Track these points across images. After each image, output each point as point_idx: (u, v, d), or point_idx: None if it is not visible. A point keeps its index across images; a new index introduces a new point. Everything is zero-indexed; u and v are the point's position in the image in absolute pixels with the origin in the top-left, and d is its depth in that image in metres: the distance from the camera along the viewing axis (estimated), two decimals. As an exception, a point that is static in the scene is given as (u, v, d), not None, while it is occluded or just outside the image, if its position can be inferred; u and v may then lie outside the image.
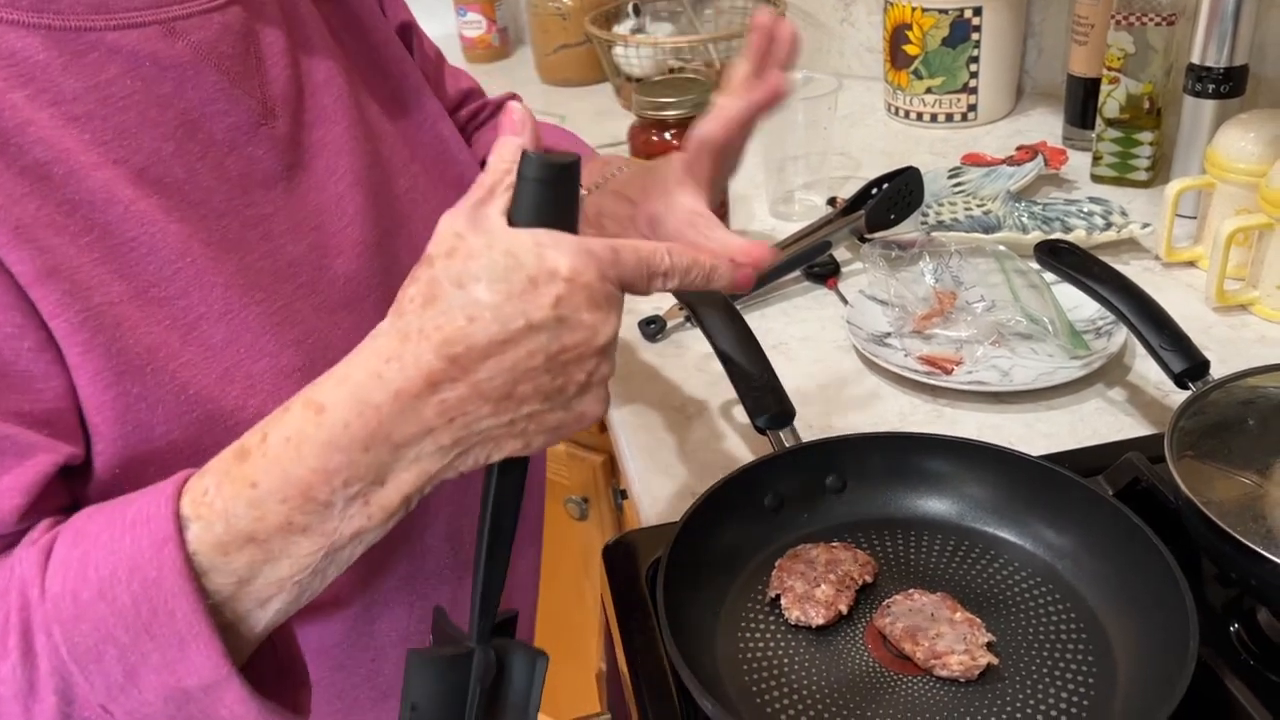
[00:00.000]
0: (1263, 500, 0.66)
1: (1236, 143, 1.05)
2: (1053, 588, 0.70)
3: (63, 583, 0.46)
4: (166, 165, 0.54)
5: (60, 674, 0.46)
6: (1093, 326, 1.00)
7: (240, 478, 0.46)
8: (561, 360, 0.45)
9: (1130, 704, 0.61)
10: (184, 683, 0.46)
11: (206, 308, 0.54)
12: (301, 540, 0.46)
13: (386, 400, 0.44)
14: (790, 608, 0.68)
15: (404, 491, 0.46)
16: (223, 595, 0.46)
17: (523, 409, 0.46)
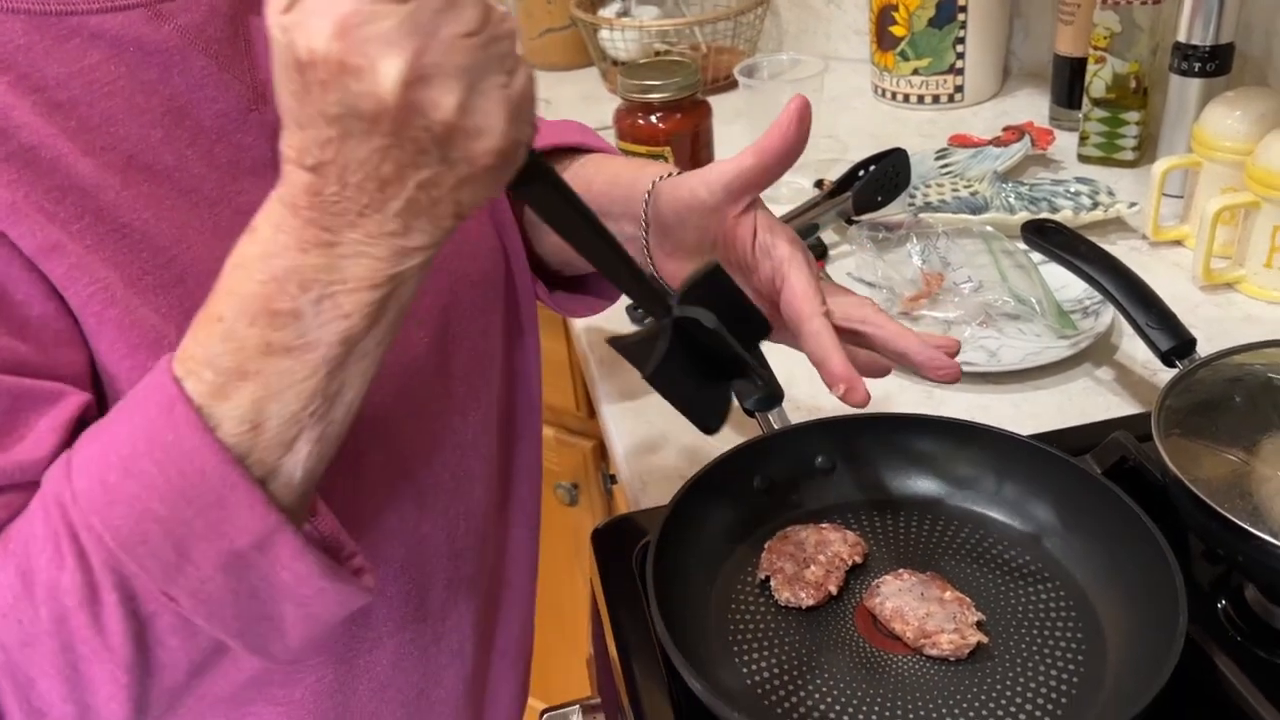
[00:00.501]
0: (1249, 477, 0.67)
1: (1223, 121, 1.05)
2: (1042, 566, 0.70)
3: (88, 477, 0.45)
4: (155, 152, 0.53)
5: (113, 567, 0.45)
6: (1080, 306, 1.00)
7: (207, 318, 0.46)
8: (385, 131, 0.41)
9: (1120, 681, 0.61)
10: (235, 544, 0.45)
11: (203, 294, 0.52)
12: (291, 363, 0.45)
13: (292, 213, 0.44)
14: (780, 589, 0.68)
15: (369, 282, 0.44)
16: (243, 447, 0.45)
17: (408, 183, 0.43)
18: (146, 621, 0.46)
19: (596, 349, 1.07)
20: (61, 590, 0.45)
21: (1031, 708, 0.61)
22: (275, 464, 0.46)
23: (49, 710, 0.47)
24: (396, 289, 0.45)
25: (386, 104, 0.40)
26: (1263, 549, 0.62)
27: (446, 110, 0.41)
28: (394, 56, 0.39)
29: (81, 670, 0.46)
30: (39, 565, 0.45)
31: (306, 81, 0.40)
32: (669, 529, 0.68)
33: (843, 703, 0.62)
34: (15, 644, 0.46)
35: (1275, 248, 1.00)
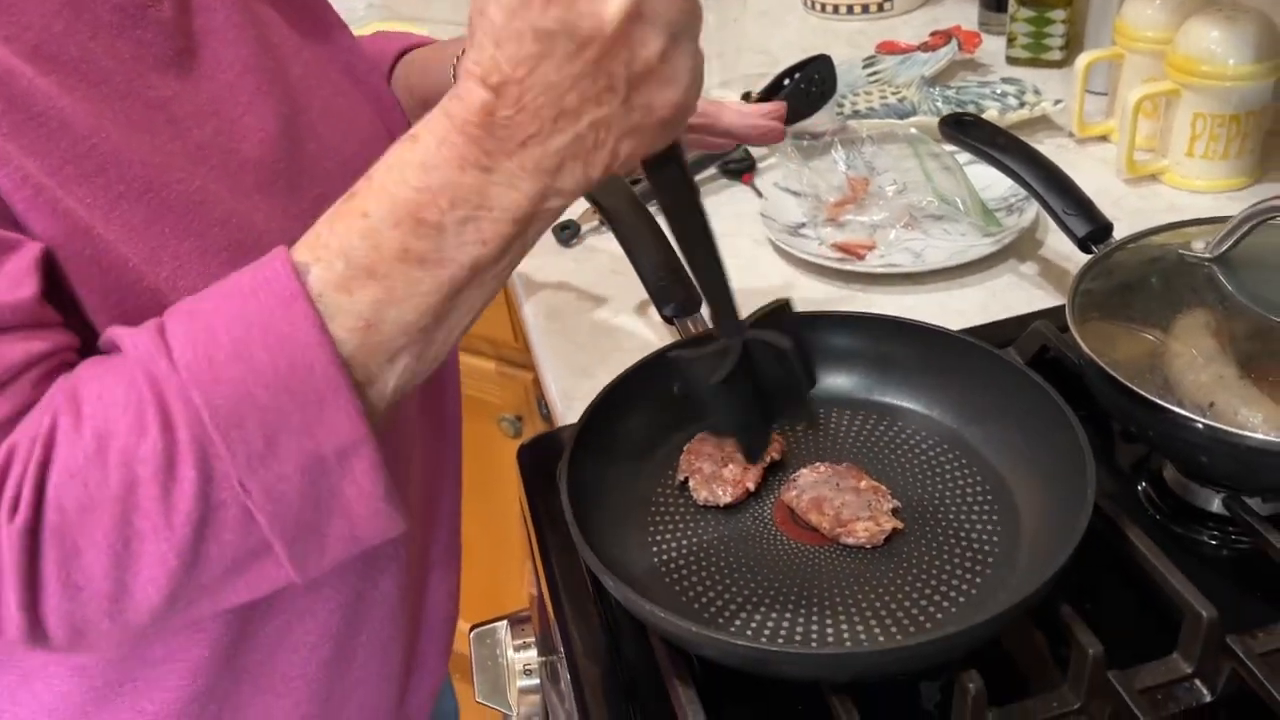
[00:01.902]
0: (1164, 355, 0.67)
1: (1143, 11, 1.05)
2: (959, 454, 0.70)
3: (194, 350, 0.45)
4: (59, 43, 0.52)
5: (200, 444, 0.44)
6: (1005, 204, 0.99)
7: (350, 211, 0.46)
8: (589, 60, 0.43)
9: (1034, 555, 0.61)
10: (322, 447, 0.46)
11: (125, 186, 0.52)
12: (421, 275, 0.46)
13: (459, 130, 0.45)
14: (698, 488, 0.67)
15: (512, 214, 0.46)
16: (352, 345, 0.46)
17: (584, 119, 0.44)
18: (214, 508, 0.45)
19: (522, 277, 1.06)
20: (138, 458, 0.44)
21: (946, 589, 0.61)
22: (376, 371, 0.47)
23: (86, 585, 0.45)
24: (530, 228, 0.47)
25: (604, 29, 0.42)
26: (1173, 421, 0.62)
27: (652, 51, 0.43)
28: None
29: (133, 546, 0.45)
30: (118, 429, 0.45)
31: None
32: (585, 436, 0.67)
33: (759, 594, 0.62)
34: (75, 507, 0.44)
35: (1196, 136, 1.00)
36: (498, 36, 0.43)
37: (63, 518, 0.44)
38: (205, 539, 0.46)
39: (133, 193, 0.53)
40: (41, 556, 0.44)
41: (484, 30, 0.43)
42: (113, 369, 0.46)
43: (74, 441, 0.44)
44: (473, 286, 0.48)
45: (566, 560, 0.69)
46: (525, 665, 0.73)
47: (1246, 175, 1.02)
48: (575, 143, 0.45)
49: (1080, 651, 0.56)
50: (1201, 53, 0.97)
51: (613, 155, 0.46)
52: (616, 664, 0.63)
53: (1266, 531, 0.62)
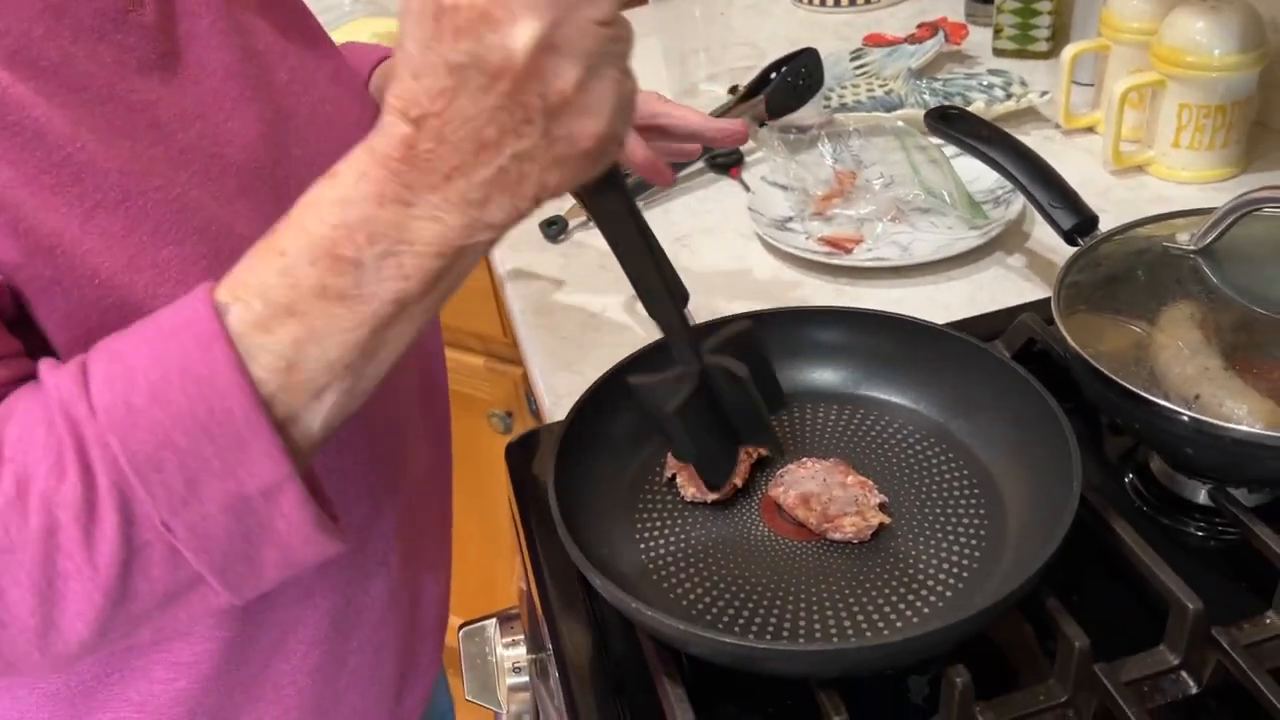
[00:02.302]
0: (1150, 347, 0.67)
1: (1129, 2, 1.05)
2: (946, 448, 0.70)
3: (112, 394, 0.45)
4: (39, 48, 0.51)
5: (120, 489, 0.44)
6: (992, 196, 0.99)
7: (268, 249, 0.46)
8: (501, 90, 0.42)
9: (1021, 549, 0.61)
10: (245, 488, 0.45)
11: (102, 195, 0.52)
12: (341, 311, 0.45)
13: (380, 164, 0.44)
14: (685, 485, 0.67)
15: (436, 248, 0.45)
16: (273, 385, 0.45)
17: (504, 151, 0.43)
18: (138, 548, 0.45)
19: (510, 273, 1.06)
20: (58, 502, 0.44)
21: (933, 583, 0.61)
22: (299, 410, 0.46)
23: (11, 622, 0.45)
24: (458, 262, 0.46)
25: (515, 61, 0.41)
26: (1158, 414, 0.62)
27: (566, 83, 0.42)
28: (534, 18, 0.41)
29: (58, 586, 0.45)
30: (38, 473, 0.44)
31: (440, 28, 0.41)
32: (572, 434, 0.67)
33: (747, 591, 0.62)
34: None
35: (1182, 126, 1.00)
36: (415, 69, 0.43)
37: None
38: (132, 575, 0.46)
39: (110, 201, 0.52)
40: None
41: (403, 62, 0.43)
42: (34, 409, 0.46)
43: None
44: (400, 321, 0.47)
45: (555, 557, 0.69)
46: (514, 663, 0.73)
47: (1232, 165, 1.02)
48: (499, 175, 0.44)
49: (1066, 644, 0.56)
50: (1187, 43, 0.97)
51: (540, 187, 0.45)
52: (605, 661, 0.63)
53: (1251, 523, 0.62)
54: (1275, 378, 0.62)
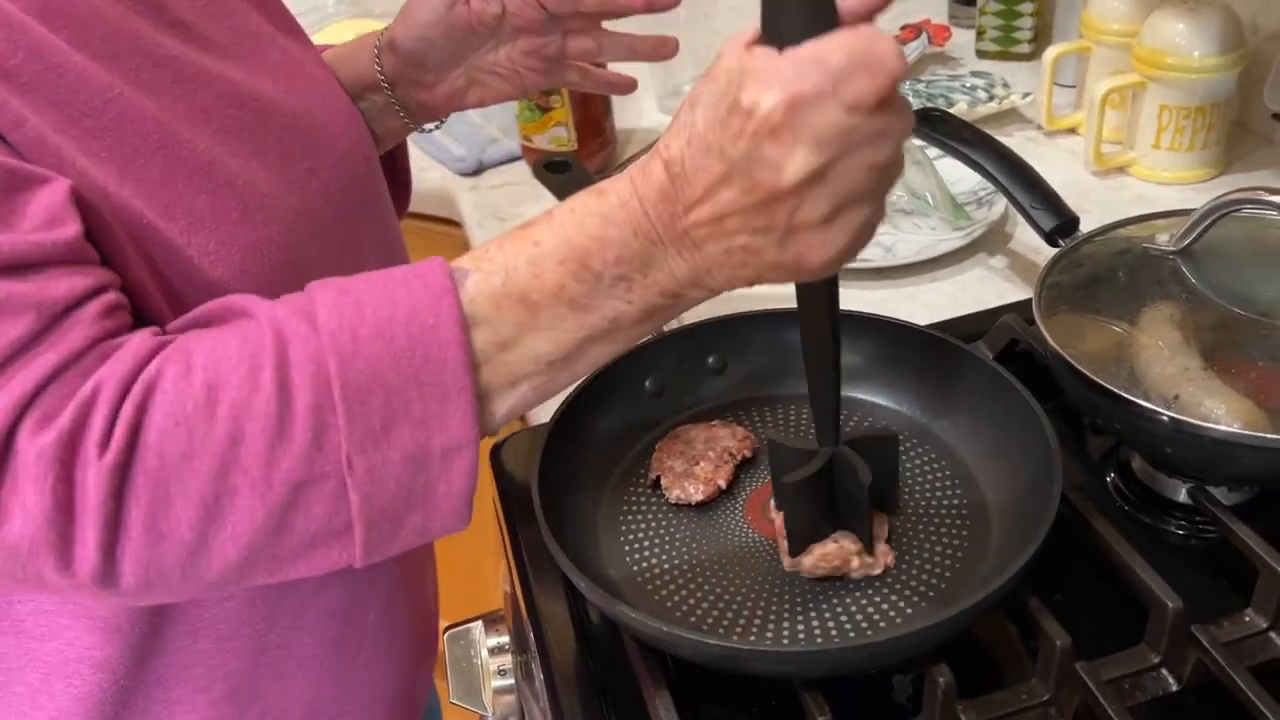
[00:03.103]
0: (1130, 347, 0.67)
1: (1110, 4, 1.05)
2: (929, 448, 0.70)
3: (339, 320, 0.46)
4: (68, 1, 0.52)
5: (321, 411, 0.45)
6: (974, 197, 1.00)
7: (524, 238, 0.48)
8: (757, 199, 0.44)
9: (1002, 549, 0.62)
10: (432, 441, 0.47)
11: (141, 141, 0.53)
12: (567, 313, 0.48)
13: (640, 199, 0.47)
14: (670, 487, 0.68)
15: (660, 287, 0.48)
16: (484, 357, 0.48)
17: (736, 240, 0.46)
18: (314, 478, 0.46)
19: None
20: (249, 413, 0.45)
21: (916, 583, 0.61)
22: (495, 390, 0.49)
23: (170, 534, 0.45)
24: (673, 304, 0.49)
25: (780, 184, 0.43)
26: (1138, 414, 0.63)
27: (818, 213, 0.44)
28: (814, 154, 0.42)
29: (225, 501, 0.45)
30: (230, 382, 0.45)
31: (729, 122, 0.43)
32: (557, 436, 0.68)
33: (731, 592, 0.62)
34: (176, 455, 0.44)
35: (1162, 127, 1.01)
36: (690, 137, 0.45)
37: (162, 464, 0.44)
38: (298, 506, 0.46)
39: (148, 148, 0.53)
40: (129, 499, 0.44)
41: (684, 124, 0.46)
42: (228, 330, 0.47)
43: (182, 389, 0.44)
44: (605, 339, 0.49)
45: (540, 559, 0.69)
46: (500, 665, 0.73)
47: (1212, 166, 1.03)
48: (726, 254, 0.47)
49: (1048, 643, 0.56)
50: (1167, 45, 0.97)
51: (758, 277, 0.48)
52: (590, 663, 0.63)
53: (1230, 521, 0.62)
54: (1252, 377, 0.63)
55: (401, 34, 0.75)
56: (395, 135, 0.82)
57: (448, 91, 0.78)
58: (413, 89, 0.78)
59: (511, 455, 0.79)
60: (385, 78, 0.77)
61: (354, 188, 0.68)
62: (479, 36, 0.75)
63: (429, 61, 0.76)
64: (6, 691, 0.61)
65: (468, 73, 0.77)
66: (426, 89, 0.78)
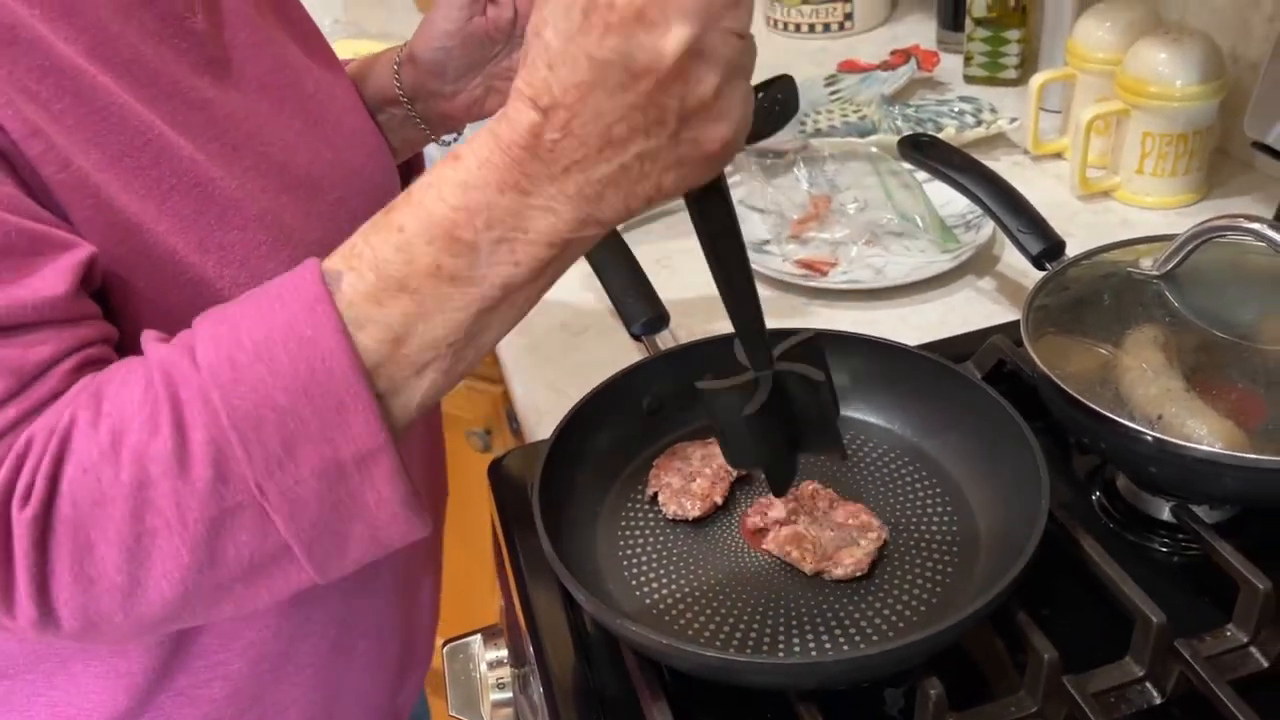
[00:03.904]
0: (1115, 368, 0.69)
1: (1094, 32, 1.08)
2: (919, 466, 0.72)
3: (216, 352, 0.46)
4: (114, 45, 0.55)
5: (217, 445, 0.45)
6: (963, 221, 1.02)
7: (386, 225, 0.47)
8: (642, 92, 0.43)
9: (991, 564, 0.63)
10: (340, 453, 0.46)
11: (176, 179, 0.55)
12: (452, 291, 0.46)
13: (503, 150, 0.45)
14: (667, 503, 0.69)
15: (548, 238, 0.46)
16: (378, 356, 0.47)
17: (629, 150, 0.44)
18: (230, 510, 0.46)
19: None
20: (150, 456, 0.45)
21: (908, 598, 0.63)
22: (401, 384, 0.48)
23: (99, 579, 0.46)
24: (565, 253, 0.47)
25: (662, 63, 0.42)
26: (1123, 434, 0.64)
27: (707, 88, 0.43)
28: (686, 24, 0.42)
29: (145, 542, 0.45)
30: (131, 427, 0.45)
31: (589, 22, 0.42)
32: (556, 453, 0.69)
33: (728, 605, 0.63)
34: (88, 501, 0.45)
35: (1146, 154, 1.03)
36: (551, 60, 0.43)
37: (76, 511, 0.45)
38: (221, 538, 0.46)
39: (183, 186, 0.55)
40: (53, 547, 0.45)
41: (538, 52, 0.44)
42: (136, 369, 0.47)
43: (90, 437, 0.45)
44: (503, 306, 0.48)
45: (538, 573, 0.70)
46: (498, 678, 0.74)
47: (1194, 192, 1.06)
48: (619, 172, 0.45)
49: (1036, 657, 0.58)
50: (1150, 74, 1.00)
51: (656, 187, 0.46)
52: (588, 675, 0.64)
53: (1212, 539, 0.64)
54: (1233, 399, 0.65)
55: (421, 46, 0.77)
56: (413, 146, 0.84)
57: (467, 101, 0.80)
58: (433, 101, 0.80)
59: (509, 471, 0.80)
60: (404, 92, 0.79)
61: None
62: (495, 43, 0.77)
63: (448, 72, 0.78)
64: (15, 685, 0.62)
65: (485, 81, 0.79)
66: (447, 100, 0.80)
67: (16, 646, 0.62)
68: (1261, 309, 0.70)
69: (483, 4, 0.75)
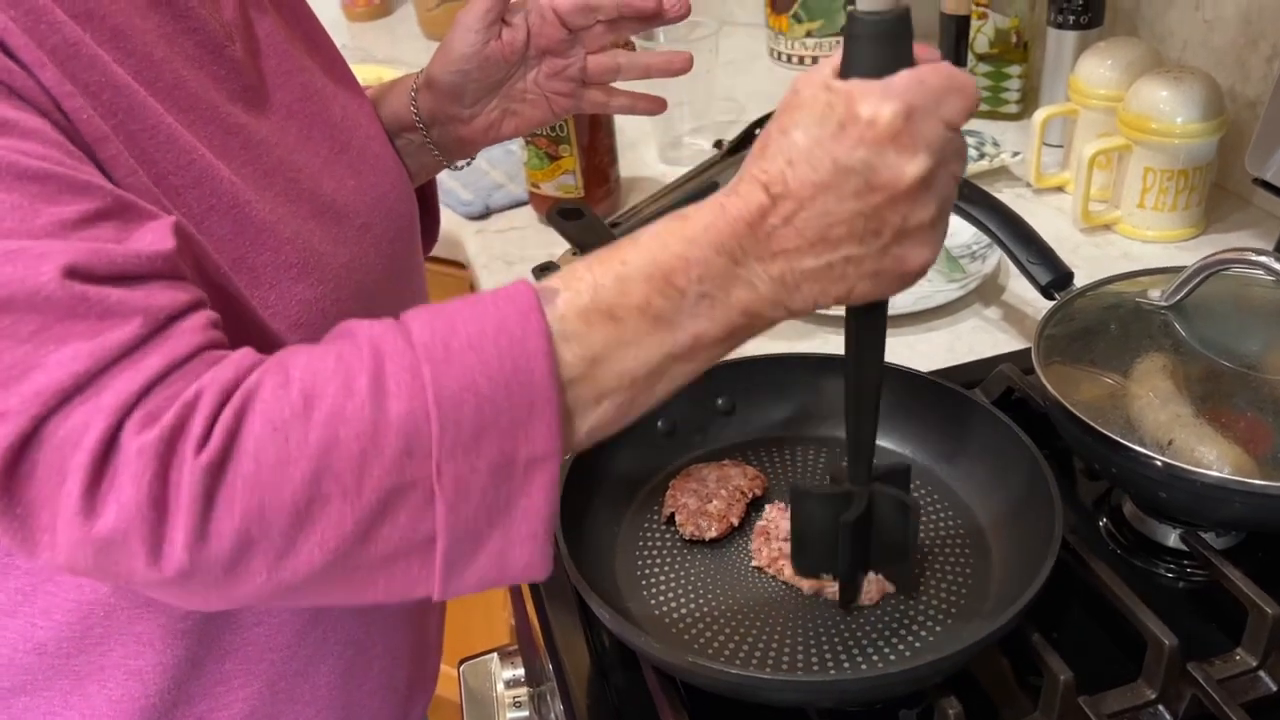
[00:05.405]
0: (1124, 396, 0.70)
1: (1096, 70, 1.10)
2: (932, 489, 0.73)
3: (431, 335, 0.47)
4: (158, 70, 0.56)
5: (415, 418, 0.46)
6: (968, 251, 1.04)
7: (612, 258, 0.50)
8: (872, 204, 0.47)
9: (1005, 586, 0.64)
10: (517, 451, 0.48)
11: (216, 200, 0.57)
12: (652, 330, 0.49)
13: (728, 222, 0.49)
14: (684, 523, 0.70)
15: (742, 306, 0.50)
16: (573, 372, 0.49)
17: (839, 252, 0.48)
18: (403, 485, 0.46)
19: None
20: (343, 418, 0.45)
21: (923, 618, 0.64)
22: (581, 406, 0.50)
23: (260, 539, 0.45)
24: (753, 324, 0.51)
25: (900, 185, 0.47)
26: (1134, 459, 0.66)
27: (925, 214, 0.48)
28: (929, 158, 0.47)
29: (316, 508, 0.46)
30: (326, 391, 0.46)
31: (845, 132, 0.47)
32: (575, 475, 0.70)
33: (746, 625, 0.64)
34: (272, 461, 0.45)
35: (1147, 188, 1.05)
36: (794, 158, 0.48)
37: (258, 468, 0.45)
38: (385, 514, 0.47)
39: (220, 207, 0.57)
40: (222, 501, 0.44)
41: (778, 149, 0.48)
42: (325, 347, 0.48)
43: (280, 397, 0.45)
44: (686, 359, 0.51)
45: (556, 593, 0.71)
46: (514, 697, 0.75)
47: (1193, 226, 1.08)
48: (824, 269, 0.49)
49: (1051, 678, 0.59)
50: (1151, 111, 1.02)
51: (849, 291, 0.50)
52: (606, 692, 0.65)
53: (1222, 565, 0.65)
54: (1241, 426, 0.66)
55: (439, 71, 0.79)
56: (428, 171, 0.85)
57: (484, 124, 0.81)
58: (450, 125, 0.81)
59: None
60: (421, 118, 0.81)
61: (400, 240, 0.71)
62: (510, 65, 0.78)
63: (466, 95, 0.79)
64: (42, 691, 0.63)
65: (501, 103, 0.81)
66: (464, 123, 0.81)
67: (36, 660, 0.62)
68: (1267, 340, 0.71)
69: (498, 28, 0.77)
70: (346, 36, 1.88)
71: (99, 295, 0.46)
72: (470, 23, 0.77)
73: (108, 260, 0.46)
